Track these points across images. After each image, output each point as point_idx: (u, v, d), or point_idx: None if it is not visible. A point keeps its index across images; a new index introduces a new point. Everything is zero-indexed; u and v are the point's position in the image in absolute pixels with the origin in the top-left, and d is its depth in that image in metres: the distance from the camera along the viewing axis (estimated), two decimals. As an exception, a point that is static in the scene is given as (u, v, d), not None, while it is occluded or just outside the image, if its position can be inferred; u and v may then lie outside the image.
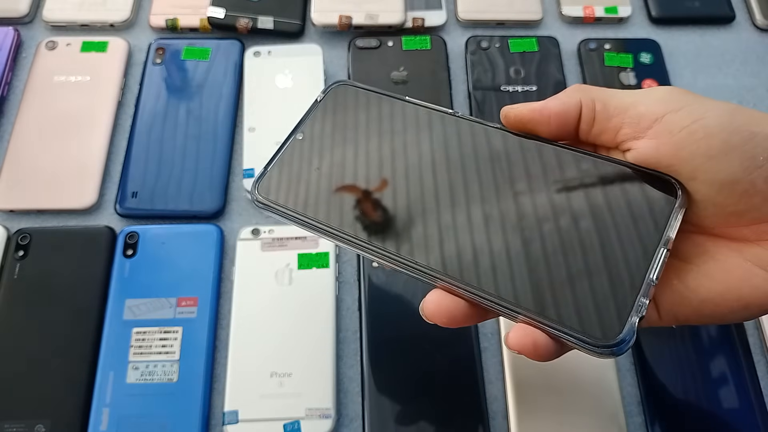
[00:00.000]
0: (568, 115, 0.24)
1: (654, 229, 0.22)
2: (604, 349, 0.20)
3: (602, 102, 0.24)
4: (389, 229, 0.25)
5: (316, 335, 0.41)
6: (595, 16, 0.56)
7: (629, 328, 0.21)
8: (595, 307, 0.21)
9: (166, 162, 0.48)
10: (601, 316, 0.21)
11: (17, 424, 0.39)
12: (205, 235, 0.45)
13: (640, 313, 0.21)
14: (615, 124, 0.24)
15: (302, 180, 0.26)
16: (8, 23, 0.54)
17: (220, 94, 0.51)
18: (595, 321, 0.21)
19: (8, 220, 0.46)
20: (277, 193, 0.26)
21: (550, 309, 0.22)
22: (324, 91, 0.29)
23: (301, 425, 0.39)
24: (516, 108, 0.25)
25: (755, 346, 0.42)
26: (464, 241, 0.24)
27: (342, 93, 0.29)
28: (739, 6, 0.58)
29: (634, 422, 0.40)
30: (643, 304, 0.21)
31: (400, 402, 0.40)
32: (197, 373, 0.40)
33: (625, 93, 0.24)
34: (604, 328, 0.21)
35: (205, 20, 0.54)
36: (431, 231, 0.24)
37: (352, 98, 0.29)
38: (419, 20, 0.55)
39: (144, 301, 0.42)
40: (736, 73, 0.55)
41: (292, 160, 0.27)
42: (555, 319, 0.21)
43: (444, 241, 0.24)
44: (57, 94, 0.50)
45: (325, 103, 0.29)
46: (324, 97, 0.29)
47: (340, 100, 0.29)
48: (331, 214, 0.25)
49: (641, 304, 0.21)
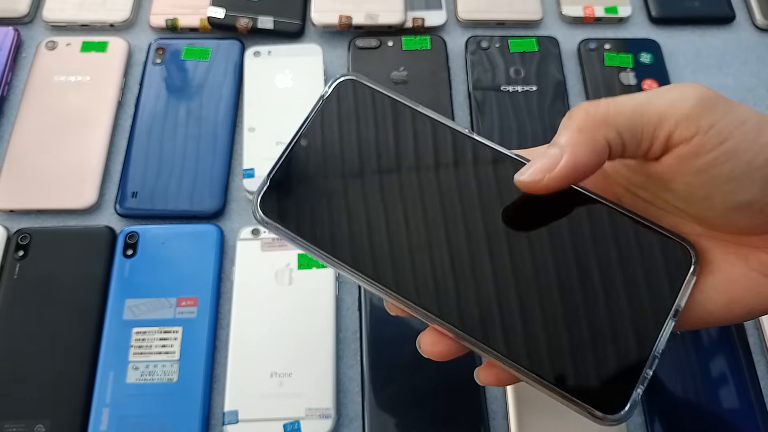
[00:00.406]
0: (599, 161, 0.21)
1: (666, 298, 0.22)
2: (611, 420, 0.21)
3: (629, 130, 0.21)
4: (393, 265, 0.23)
5: (316, 335, 0.41)
6: (595, 16, 0.56)
7: (634, 399, 0.21)
8: (600, 377, 0.21)
9: (166, 162, 0.48)
10: (606, 386, 0.21)
11: (17, 424, 0.39)
12: (205, 235, 0.45)
13: (644, 385, 0.21)
14: (644, 148, 0.21)
15: (305, 197, 0.24)
16: (8, 23, 0.54)
17: (220, 94, 0.51)
18: (600, 391, 0.21)
19: (8, 220, 0.46)
20: (279, 210, 0.24)
21: (556, 376, 0.21)
22: (330, 85, 0.26)
23: (301, 425, 0.39)
24: (542, 185, 0.21)
25: (755, 346, 0.42)
26: (469, 291, 0.22)
27: (349, 89, 0.26)
28: (739, 6, 0.58)
29: (634, 422, 0.40)
30: (648, 376, 0.21)
31: (400, 402, 0.40)
32: (197, 373, 0.40)
33: (647, 109, 0.21)
34: (609, 399, 0.21)
35: (205, 20, 0.54)
36: (434, 273, 0.23)
37: (360, 97, 0.25)
38: (419, 20, 0.55)
39: (144, 301, 0.42)
40: (736, 73, 0.55)
41: (295, 171, 0.24)
42: (558, 385, 0.21)
43: (447, 287, 0.22)
44: (57, 94, 0.50)
45: (331, 101, 0.25)
46: (329, 93, 0.26)
47: (347, 99, 0.25)
48: (332, 244, 0.23)
49: (646, 376, 0.21)
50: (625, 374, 0.21)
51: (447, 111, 0.51)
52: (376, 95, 0.25)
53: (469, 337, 0.22)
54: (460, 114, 0.52)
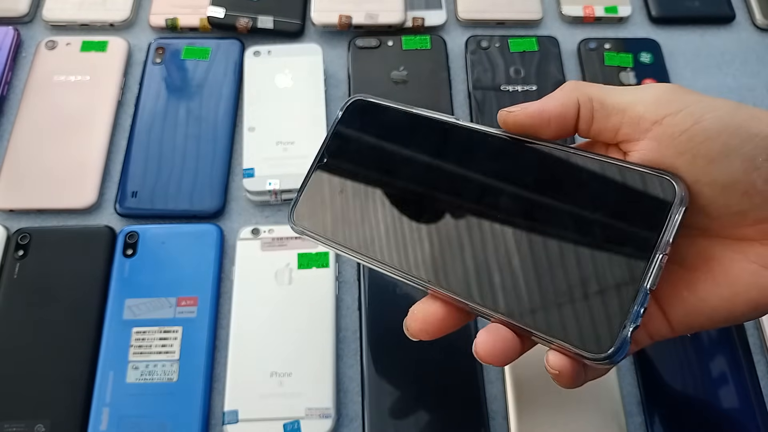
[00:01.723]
0: (566, 117, 0.24)
1: (652, 232, 0.22)
2: (599, 361, 0.20)
3: (600, 101, 0.24)
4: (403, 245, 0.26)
5: (316, 335, 0.41)
6: (595, 15, 0.56)
7: (623, 337, 0.20)
8: (589, 318, 0.21)
9: (166, 162, 0.48)
10: (595, 326, 0.21)
11: (17, 424, 0.39)
12: (205, 235, 0.45)
13: (635, 323, 0.20)
14: (614, 124, 0.23)
15: (328, 206, 0.28)
16: (8, 23, 0.54)
17: (220, 93, 0.51)
18: (590, 332, 0.21)
19: (8, 220, 0.46)
20: (310, 219, 0.28)
21: (545, 320, 0.22)
22: (342, 108, 0.30)
23: (301, 425, 0.39)
24: (514, 114, 0.25)
25: (755, 346, 0.42)
26: (456, 252, 0.24)
27: (360, 108, 0.29)
28: (739, 6, 0.58)
29: (634, 422, 0.40)
30: (638, 313, 0.20)
31: (400, 402, 0.40)
32: (197, 372, 0.40)
33: (622, 90, 0.24)
34: (598, 340, 0.21)
35: (205, 20, 0.54)
36: (433, 246, 0.25)
37: (371, 114, 0.29)
38: (419, 20, 0.55)
39: (144, 300, 0.42)
40: (736, 73, 0.55)
41: (319, 185, 0.28)
42: (547, 330, 0.21)
43: (444, 255, 0.24)
44: (57, 94, 0.50)
45: (344, 119, 0.29)
46: (342, 115, 0.29)
47: (358, 116, 0.29)
48: (359, 240, 0.26)
49: (637, 313, 0.20)
50: (612, 312, 0.21)
51: (447, 111, 0.51)
52: (379, 107, 0.29)
53: (459, 295, 0.23)
54: (460, 114, 0.52)
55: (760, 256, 0.22)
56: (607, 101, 0.23)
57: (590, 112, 0.24)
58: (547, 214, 0.24)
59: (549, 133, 0.25)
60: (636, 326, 0.20)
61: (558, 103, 0.24)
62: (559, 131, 0.25)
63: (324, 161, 0.29)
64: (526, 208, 0.24)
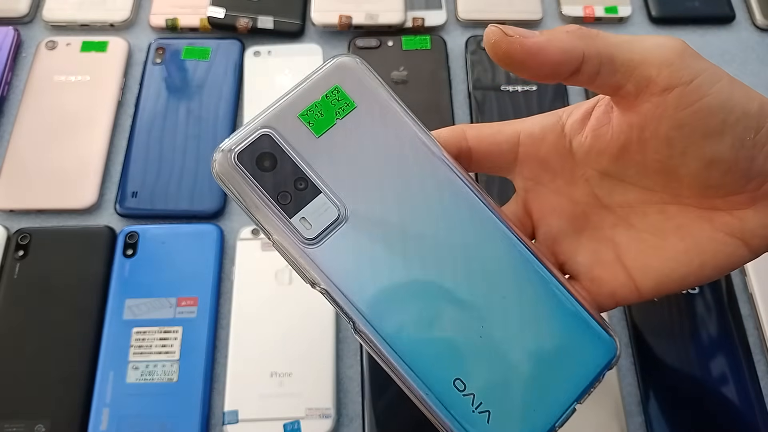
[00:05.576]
0: (563, 66, 0.21)
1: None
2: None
3: (608, 57, 0.21)
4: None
5: (316, 335, 0.41)
6: (595, 15, 0.56)
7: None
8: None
9: (165, 162, 0.48)
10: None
11: (17, 424, 0.39)
12: (205, 235, 0.45)
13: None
14: (617, 81, 0.22)
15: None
16: (8, 23, 0.54)
17: (220, 93, 0.51)
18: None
19: (8, 220, 0.46)
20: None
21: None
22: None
23: (301, 425, 0.39)
24: (509, 42, 0.21)
25: (755, 346, 0.42)
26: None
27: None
28: (739, 6, 0.58)
29: (634, 422, 0.40)
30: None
31: (400, 402, 0.40)
32: (197, 373, 0.40)
33: (630, 45, 0.21)
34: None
35: (205, 20, 0.54)
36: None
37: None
38: (419, 20, 0.55)
39: (144, 300, 0.42)
40: (736, 73, 0.55)
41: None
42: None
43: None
44: (57, 94, 0.50)
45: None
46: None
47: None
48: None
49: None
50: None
51: (447, 111, 0.51)
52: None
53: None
54: (460, 114, 0.52)
55: (726, 225, 0.22)
56: (616, 59, 0.21)
57: (597, 68, 0.21)
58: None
59: (535, 74, 0.22)
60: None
61: (560, 50, 0.21)
62: (547, 76, 0.22)
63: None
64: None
